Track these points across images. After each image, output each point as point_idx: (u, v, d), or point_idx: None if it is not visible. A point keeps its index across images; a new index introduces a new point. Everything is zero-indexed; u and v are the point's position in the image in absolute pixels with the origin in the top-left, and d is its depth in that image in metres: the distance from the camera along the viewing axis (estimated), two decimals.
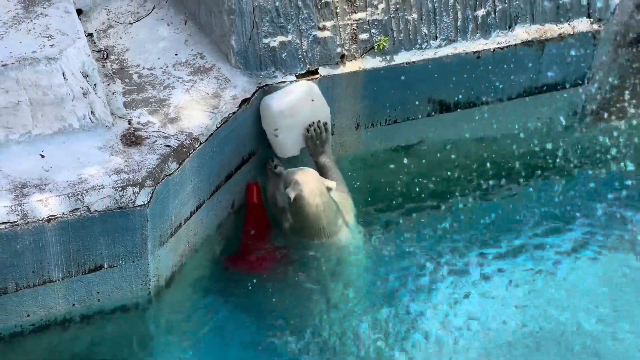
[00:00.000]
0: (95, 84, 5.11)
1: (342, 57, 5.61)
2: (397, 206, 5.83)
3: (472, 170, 6.02)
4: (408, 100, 5.80)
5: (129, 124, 5.17)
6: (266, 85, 5.48)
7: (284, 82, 5.50)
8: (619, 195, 5.93)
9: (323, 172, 5.54)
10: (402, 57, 5.69)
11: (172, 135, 5.13)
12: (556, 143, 6.09)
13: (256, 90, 5.46)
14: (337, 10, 5.54)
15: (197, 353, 5.19)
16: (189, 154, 5.09)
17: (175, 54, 5.62)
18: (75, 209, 4.76)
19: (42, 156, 4.92)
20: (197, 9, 5.72)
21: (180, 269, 5.33)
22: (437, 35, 5.75)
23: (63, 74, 4.96)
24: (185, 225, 5.26)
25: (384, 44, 5.64)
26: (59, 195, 4.74)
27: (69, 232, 4.78)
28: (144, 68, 5.53)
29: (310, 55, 5.54)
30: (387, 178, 5.92)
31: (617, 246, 5.73)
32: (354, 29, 5.60)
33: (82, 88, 5.02)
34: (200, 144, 5.15)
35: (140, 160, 4.97)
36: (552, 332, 5.23)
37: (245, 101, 5.40)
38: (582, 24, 5.99)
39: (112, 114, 5.18)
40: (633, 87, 6.18)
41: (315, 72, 5.57)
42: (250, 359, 5.20)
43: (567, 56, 5.96)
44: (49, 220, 4.72)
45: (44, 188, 4.76)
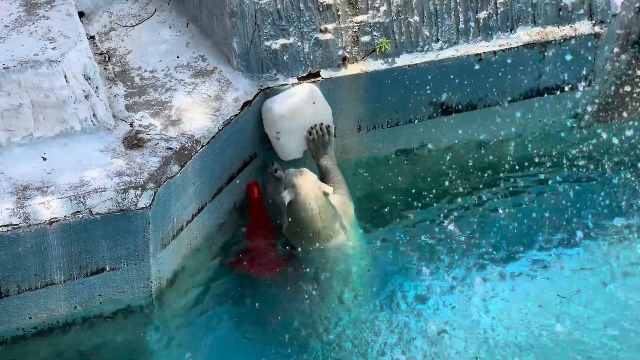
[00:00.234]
0: (97, 87, 5.10)
1: (344, 59, 5.61)
2: (398, 208, 5.83)
3: (474, 173, 6.01)
4: (410, 103, 5.80)
5: (131, 126, 5.17)
6: (268, 87, 5.48)
7: (286, 84, 5.50)
8: (619, 196, 5.92)
9: (325, 174, 5.54)
10: (404, 60, 5.69)
11: (174, 138, 5.13)
12: (558, 145, 6.09)
13: (258, 93, 5.46)
14: (339, 13, 5.54)
15: (199, 355, 5.19)
16: (191, 156, 5.09)
17: (177, 57, 5.63)
18: (77, 212, 4.76)
19: (44, 159, 4.92)
20: (199, 11, 5.72)
21: (182, 271, 5.33)
22: (439, 38, 5.75)
23: (65, 77, 4.96)
24: (187, 228, 5.26)
25: (386, 47, 5.64)
26: (60, 198, 4.74)
27: (70, 235, 4.78)
28: (145, 71, 5.54)
29: (311, 57, 5.54)
30: (388, 180, 5.91)
31: (616, 245, 5.74)
32: (355, 31, 5.59)
33: (84, 91, 5.02)
34: (202, 146, 5.15)
35: (142, 163, 4.97)
36: (558, 335, 5.23)
37: (247, 104, 5.40)
38: (583, 26, 5.98)
39: (113, 116, 5.18)
40: (634, 88, 6.17)
41: (317, 74, 5.57)
42: None
43: (568, 58, 5.95)
44: (51, 223, 4.72)
45: (45, 191, 4.77)
